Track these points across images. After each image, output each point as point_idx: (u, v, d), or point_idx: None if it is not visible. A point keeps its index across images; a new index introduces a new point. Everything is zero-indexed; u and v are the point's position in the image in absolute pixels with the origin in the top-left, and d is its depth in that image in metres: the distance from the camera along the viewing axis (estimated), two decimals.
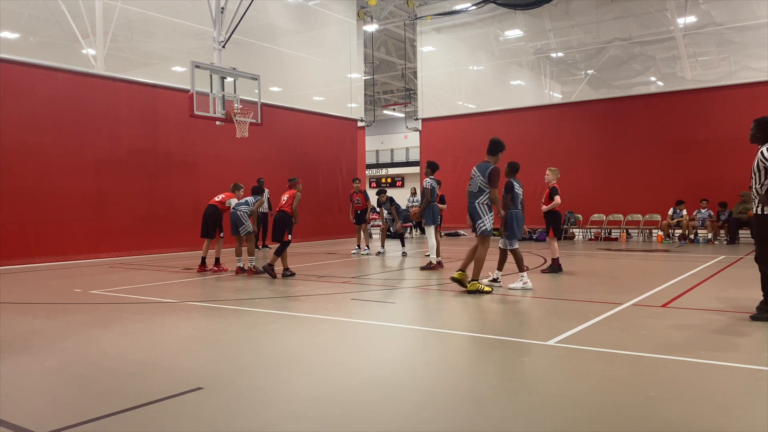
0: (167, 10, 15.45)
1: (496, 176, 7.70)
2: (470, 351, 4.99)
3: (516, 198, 8.28)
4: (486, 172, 7.73)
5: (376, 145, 41.26)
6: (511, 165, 8.52)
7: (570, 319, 6.09)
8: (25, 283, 9.71)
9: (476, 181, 7.82)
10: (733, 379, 4.05)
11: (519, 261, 8.35)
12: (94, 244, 13.29)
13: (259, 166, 16.81)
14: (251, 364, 4.55)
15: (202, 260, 10.80)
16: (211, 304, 7.22)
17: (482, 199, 7.78)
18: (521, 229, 8.29)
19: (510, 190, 8.26)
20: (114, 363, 4.61)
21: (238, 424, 3.30)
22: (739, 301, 6.98)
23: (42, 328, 5.96)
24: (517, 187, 8.32)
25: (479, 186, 7.77)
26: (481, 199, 7.78)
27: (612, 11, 19.06)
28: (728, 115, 16.81)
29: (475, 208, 7.80)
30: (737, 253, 12.90)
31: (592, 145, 18.84)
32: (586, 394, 3.74)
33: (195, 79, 12.15)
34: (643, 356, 4.54)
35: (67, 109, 12.91)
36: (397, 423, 3.31)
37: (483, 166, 7.85)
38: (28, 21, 15.41)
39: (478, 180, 7.79)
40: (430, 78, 22.73)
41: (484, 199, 7.77)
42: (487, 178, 7.70)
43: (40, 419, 3.41)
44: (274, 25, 18.37)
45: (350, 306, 7.21)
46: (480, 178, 7.77)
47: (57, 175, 12.70)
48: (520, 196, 8.37)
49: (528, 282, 8.10)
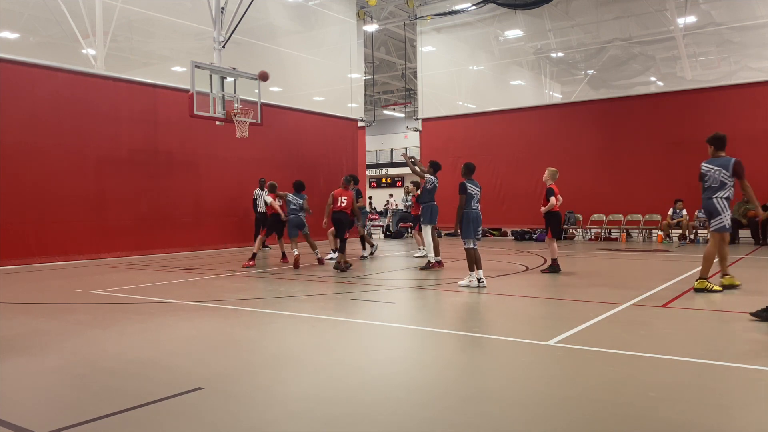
0: (167, 10, 15.45)
1: (742, 168, 7.62)
2: (470, 351, 4.99)
3: (470, 198, 8.44)
4: (729, 165, 7.60)
5: (376, 145, 41.29)
6: (467, 165, 8.79)
7: (570, 319, 6.09)
8: (26, 283, 9.71)
9: (715, 175, 7.68)
10: (733, 379, 4.05)
11: (470, 261, 8.35)
12: (94, 244, 13.29)
13: (259, 166, 16.82)
14: (251, 364, 4.55)
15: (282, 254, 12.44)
16: (211, 304, 7.22)
17: (723, 194, 7.65)
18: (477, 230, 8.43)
19: (464, 191, 8.44)
20: (114, 363, 4.61)
21: (238, 424, 3.30)
22: (739, 301, 6.98)
23: (42, 328, 5.97)
24: (471, 187, 8.49)
25: (721, 180, 7.65)
26: (721, 193, 7.65)
27: (612, 11, 19.06)
28: (728, 115, 16.79)
29: (714, 203, 7.66)
30: (737, 254, 12.89)
31: (592, 145, 18.84)
32: (586, 394, 3.74)
33: (195, 79, 12.14)
34: (643, 356, 4.54)
35: (67, 109, 12.91)
36: (397, 423, 3.31)
37: (721, 160, 7.72)
38: (28, 21, 15.43)
39: (719, 174, 7.65)
40: (430, 78, 22.73)
41: (725, 193, 7.65)
42: (731, 171, 7.57)
43: (40, 419, 3.41)
44: (274, 25, 18.37)
45: (350, 306, 7.21)
46: (721, 173, 7.63)
47: (57, 175, 12.70)
48: (476, 197, 8.53)
49: (474, 281, 8.22)
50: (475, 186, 8.58)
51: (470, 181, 8.60)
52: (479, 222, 8.52)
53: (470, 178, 8.69)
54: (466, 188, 8.46)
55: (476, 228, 8.44)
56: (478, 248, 8.44)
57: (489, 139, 20.79)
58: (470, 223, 8.39)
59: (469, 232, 8.38)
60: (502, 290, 8.14)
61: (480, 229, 8.56)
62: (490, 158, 20.63)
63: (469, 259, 8.37)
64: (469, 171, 8.74)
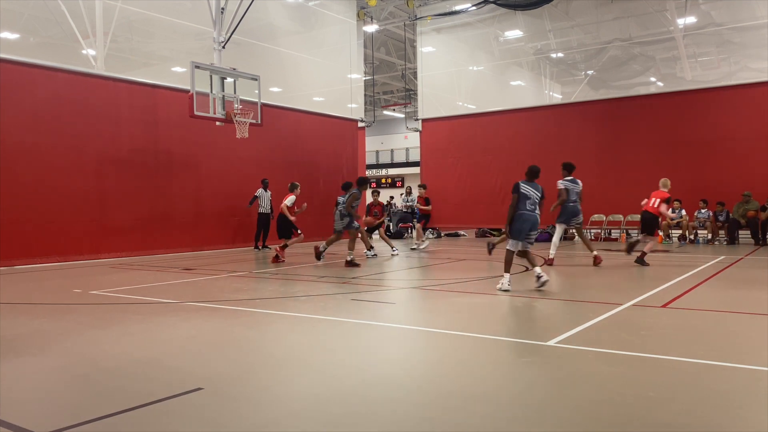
0: (167, 10, 15.45)
1: None
2: (470, 351, 4.99)
3: (523, 198, 8.12)
4: None
5: (376, 146, 41.30)
6: (530, 168, 8.51)
7: (570, 319, 6.09)
8: (26, 283, 9.71)
9: None
10: (733, 379, 4.05)
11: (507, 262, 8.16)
12: (94, 245, 13.28)
13: (259, 166, 16.83)
14: (252, 364, 4.55)
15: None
16: (212, 305, 7.22)
17: None
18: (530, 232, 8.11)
19: (516, 190, 8.17)
20: (114, 363, 4.61)
21: (239, 424, 3.30)
22: (739, 302, 6.98)
23: (42, 329, 5.97)
24: (525, 188, 8.19)
25: None
26: None
27: (612, 12, 19.06)
28: (728, 116, 16.81)
29: None
30: (737, 254, 12.91)
31: (592, 146, 18.83)
32: (586, 395, 3.74)
33: (195, 79, 12.15)
34: (643, 356, 4.54)
35: (67, 109, 12.91)
36: (397, 423, 3.31)
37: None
38: (28, 21, 15.42)
39: None
40: (430, 78, 22.73)
41: None
42: None
43: (40, 419, 3.41)
44: (274, 25, 18.37)
45: (350, 306, 7.21)
46: None
47: (57, 176, 12.70)
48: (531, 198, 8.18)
49: (506, 284, 7.97)
50: (532, 188, 8.20)
51: (527, 183, 8.29)
52: (534, 225, 8.11)
53: (530, 180, 8.35)
54: (519, 188, 8.16)
55: (529, 230, 8.08)
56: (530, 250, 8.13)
57: (489, 139, 20.79)
58: (522, 223, 8.04)
59: (518, 233, 8.05)
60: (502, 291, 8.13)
61: (534, 233, 8.16)
62: (490, 159, 20.64)
63: (507, 261, 8.11)
64: (530, 174, 8.43)
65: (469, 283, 9.08)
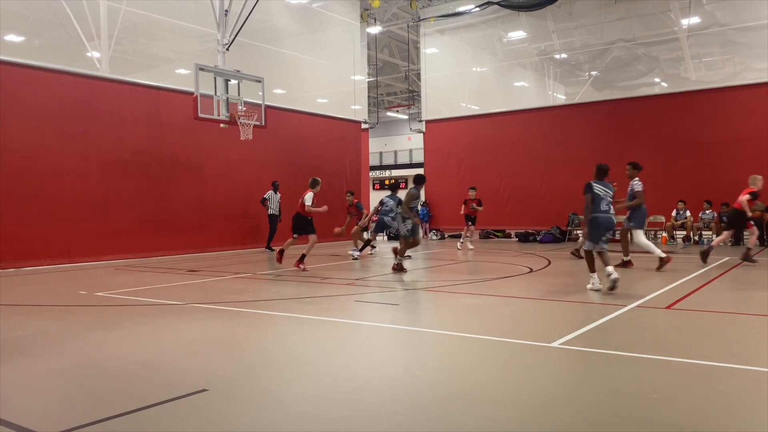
0: (171, 12, 15.49)
1: None
2: (473, 353, 4.98)
3: (597, 199, 7.98)
4: None
5: (380, 147, 41.30)
6: (598, 166, 8.34)
7: (574, 320, 6.08)
8: (31, 285, 9.75)
9: None
10: (738, 380, 4.04)
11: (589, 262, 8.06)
12: (99, 247, 13.32)
13: (264, 168, 16.86)
14: (255, 366, 4.56)
15: None
16: (216, 306, 7.24)
17: None
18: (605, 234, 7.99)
19: (589, 190, 8.01)
20: (119, 365, 4.62)
21: (243, 425, 3.31)
22: (744, 303, 6.96)
23: (47, 330, 5.99)
24: (597, 188, 8.03)
25: None
26: None
27: (615, 12, 19.02)
28: (732, 116, 16.76)
29: None
30: (739, 254, 12.83)
31: (596, 147, 18.77)
32: (589, 396, 3.73)
33: (199, 81, 12.18)
34: (647, 358, 4.53)
35: (71, 111, 12.96)
36: (399, 424, 3.31)
37: None
38: (32, 24, 15.46)
39: None
40: (433, 80, 22.74)
41: None
42: None
43: (45, 421, 3.43)
44: (278, 27, 18.40)
45: (353, 308, 7.22)
46: None
47: (62, 178, 12.75)
48: (605, 199, 8.03)
49: (597, 283, 7.86)
50: (604, 187, 8.01)
51: (599, 182, 8.06)
52: (610, 226, 7.98)
53: (600, 179, 8.13)
54: (592, 188, 7.97)
55: (605, 232, 7.94)
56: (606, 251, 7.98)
57: (492, 140, 20.78)
58: (598, 229, 7.88)
59: (595, 236, 7.91)
60: (505, 292, 8.13)
61: (608, 234, 8.01)
62: (493, 160, 20.64)
63: (588, 261, 8.03)
64: (599, 172, 8.20)
65: (471, 285, 9.07)
